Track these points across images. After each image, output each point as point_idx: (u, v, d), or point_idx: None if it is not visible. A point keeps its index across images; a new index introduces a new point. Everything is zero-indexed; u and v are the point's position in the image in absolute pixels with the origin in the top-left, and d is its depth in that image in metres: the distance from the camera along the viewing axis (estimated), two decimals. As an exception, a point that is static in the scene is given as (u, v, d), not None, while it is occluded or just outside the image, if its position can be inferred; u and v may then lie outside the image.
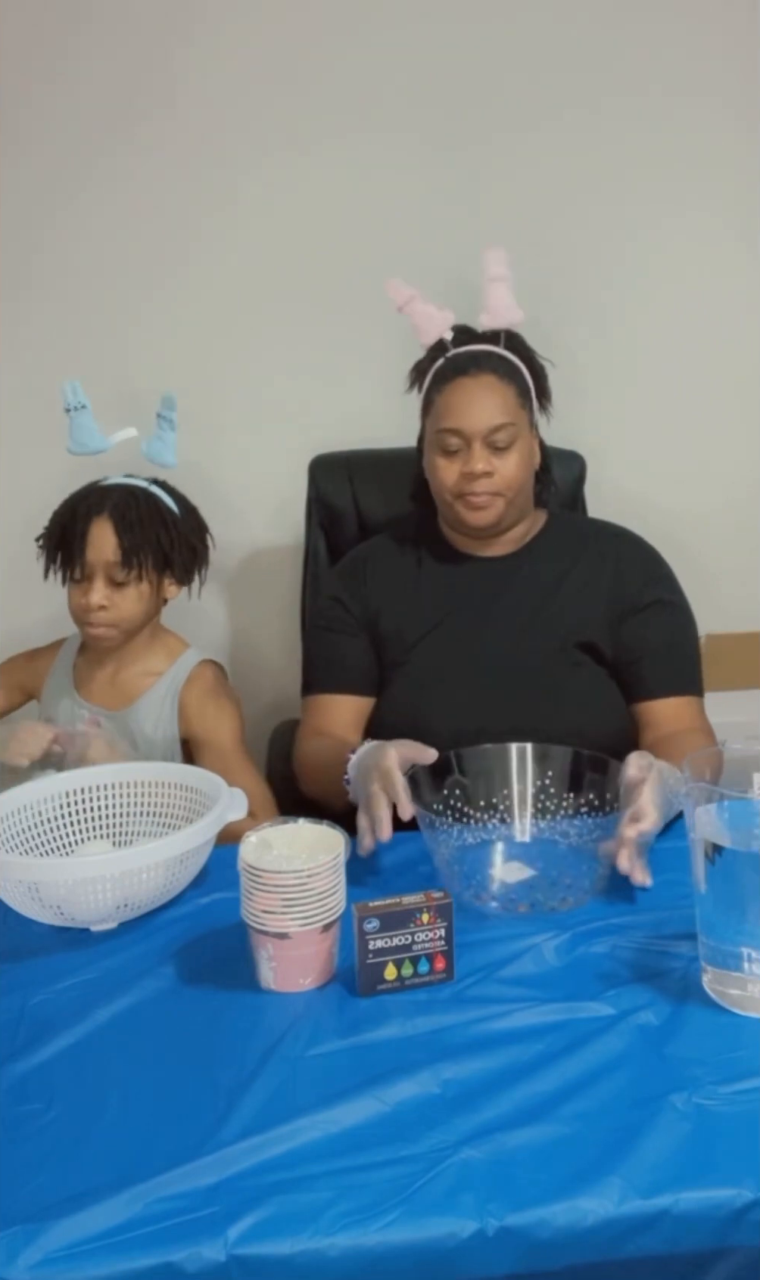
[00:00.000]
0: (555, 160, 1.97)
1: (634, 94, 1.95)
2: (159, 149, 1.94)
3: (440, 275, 1.58)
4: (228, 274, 1.99)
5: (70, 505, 1.65)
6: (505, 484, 1.55)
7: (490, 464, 1.54)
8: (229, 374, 2.02)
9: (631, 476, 2.01)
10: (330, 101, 1.93)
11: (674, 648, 1.59)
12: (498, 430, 1.53)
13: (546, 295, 1.75)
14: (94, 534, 1.61)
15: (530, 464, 1.60)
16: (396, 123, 1.94)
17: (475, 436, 1.54)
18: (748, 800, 1.04)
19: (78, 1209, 0.83)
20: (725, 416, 2.10)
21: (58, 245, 1.97)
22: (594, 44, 1.93)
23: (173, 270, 1.98)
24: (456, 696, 1.54)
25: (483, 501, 1.56)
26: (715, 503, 2.12)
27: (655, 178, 1.99)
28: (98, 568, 1.62)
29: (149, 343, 2.00)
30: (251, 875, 1.08)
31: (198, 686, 1.70)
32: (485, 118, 1.95)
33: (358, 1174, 0.86)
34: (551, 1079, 0.95)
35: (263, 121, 1.93)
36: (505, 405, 1.55)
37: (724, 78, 1.95)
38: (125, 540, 1.61)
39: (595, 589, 1.60)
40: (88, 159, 1.93)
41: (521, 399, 1.57)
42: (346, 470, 1.90)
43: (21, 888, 1.19)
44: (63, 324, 1.99)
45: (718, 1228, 0.83)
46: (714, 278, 2.04)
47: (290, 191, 1.96)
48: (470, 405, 1.55)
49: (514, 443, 1.55)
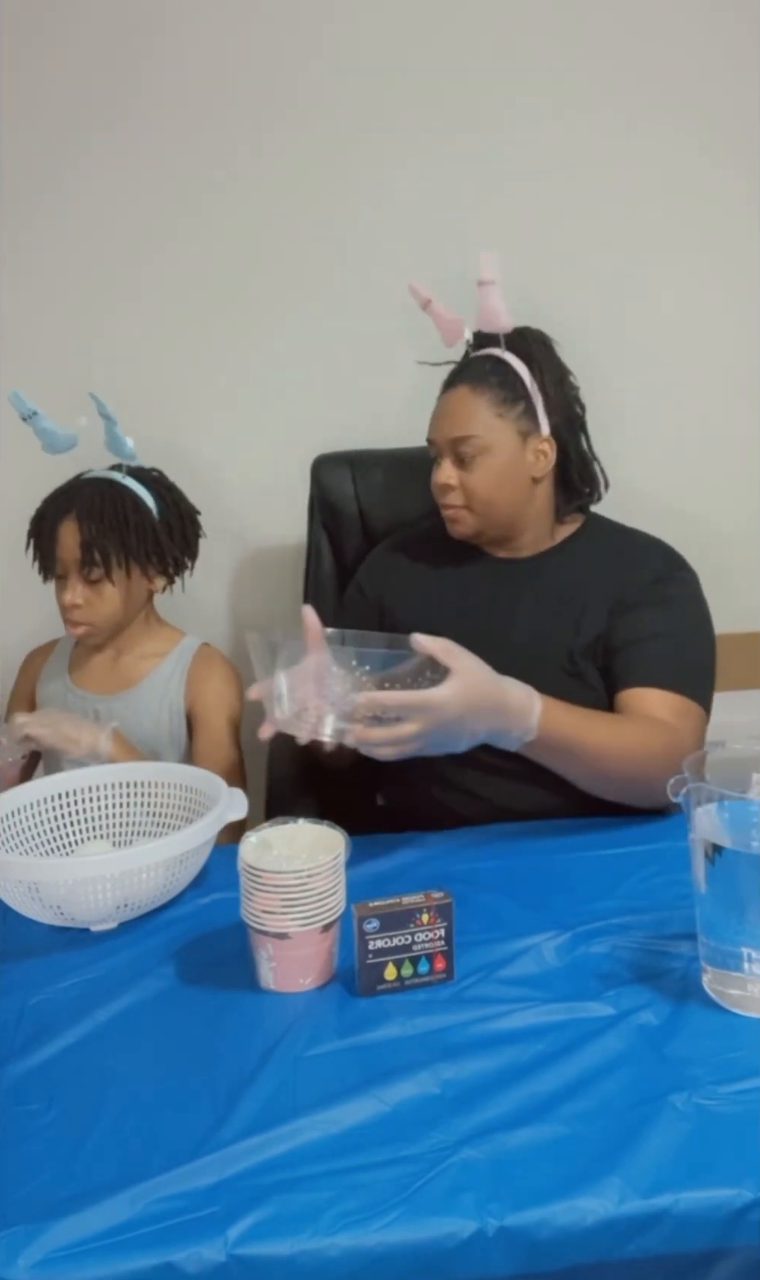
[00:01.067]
0: (562, 162, 1.97)
1: (635, 95, 1.95)
2: (159, 150, 1.93)
3: (449, 277, 1.58)
4: (233, 274, 1.99)
5: (43, 505, 1.68)
6: (470, 498, 1.53)
7: (454, 477, 1.52)
8: (234, 373, 2.02)
9: (635, 477, 2.00)
10: (335, 97, 1.93)
11: (660, 639, 1.48)
12: (460, 443, 1.51)
13: (558, 297, 1.75)
14: (62, 533, 1.63)
15: (512, 476, 1.53)
16: (404, 121, 1.94)
17: (443, 449, 1.54)
18: (748, 800, 1.04)
19: (78, 1209, 0.83)
20: (728, 417, 2.10)
21: (56, 245, 1.96)
22: (594, 45, 1.93)
23: (177, 270, 1.98)
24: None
25: (452, 514, 1.55)
26: (715, 503, 2.12)
27: (666, 178, 1.98)
28: (69, 566, 1.64)
29: (151, 343, 1.99)
30: (251, 875, 1.08)
31: (204, 660, 1.75)
32: (491, 115, 1.95)
33: (358, 1174, 0.86)
34: (551, 1079, 0.95)
35: (267, 114, 1.93)
36: (471, 417, 1.51)
37: (726, 78, 1.95)
38: (85, 537, 1.62)
39: (606, 597, 1.53)
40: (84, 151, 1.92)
41: (501, 407, 1.51)
42: (349, 469, 1.90)
43: (21, 888, 1.19)
44: (62, 323, 1.99)
45: (718, 1228, 0.83)
46: (726, 278, 2.03)
47: (298, 188, 1.96)
48: (439, 416, 1.55)
49: (481, 455, 1.50)
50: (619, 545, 1.60)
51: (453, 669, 1.21)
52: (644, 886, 1.26)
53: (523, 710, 1.28)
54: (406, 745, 1.22)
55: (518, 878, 1.30)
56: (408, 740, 1.21)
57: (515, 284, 1.54)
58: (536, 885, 1.28)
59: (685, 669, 1.47)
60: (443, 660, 1.21)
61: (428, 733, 1.21)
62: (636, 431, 2.04)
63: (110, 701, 1.70)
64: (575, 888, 1.26)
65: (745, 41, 1.94)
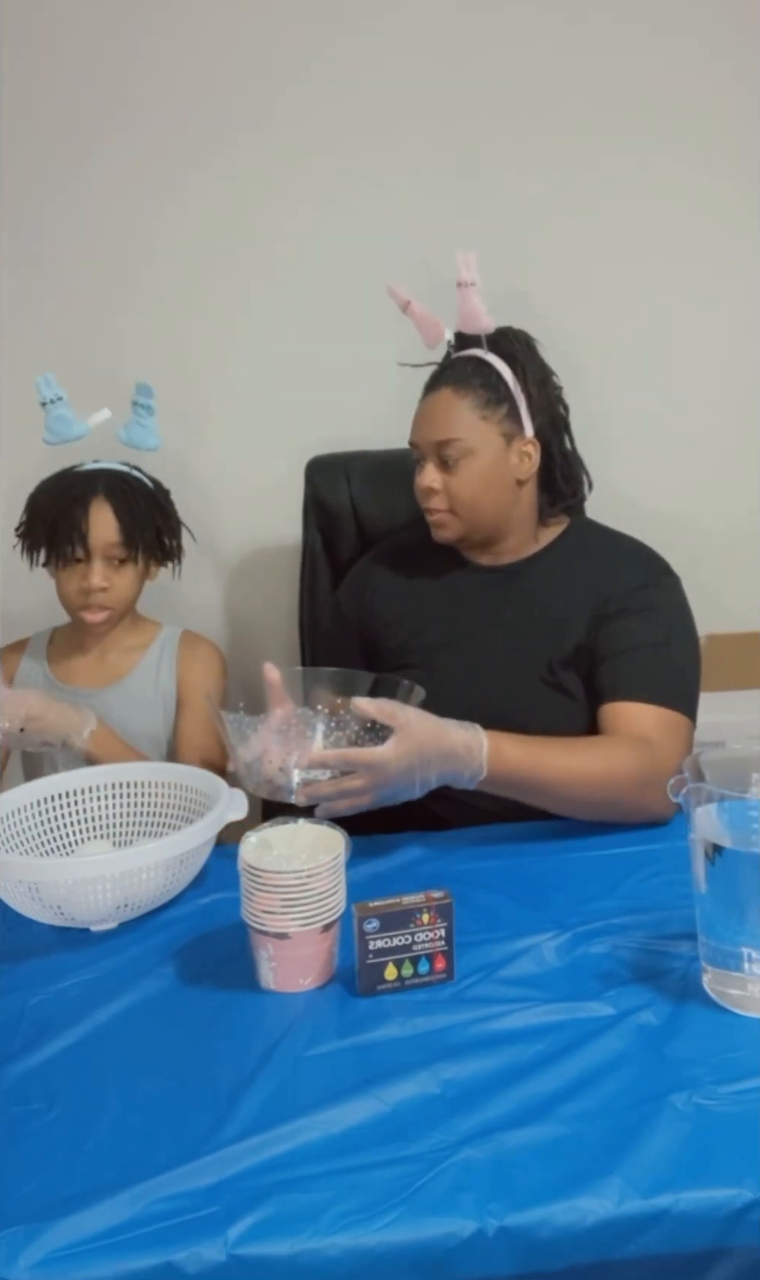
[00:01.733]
0: (557, 164, 1.97)
1: (636, 95, 1.95)
2: (159, 149, 1.93)
3: (444, 280, 1.57)
4: (226, 275, 1.98)
5: (57, 491, 1.66)
6: (454, 501, 1.52)
7: (439, 480, 1.51)
8: (227, 373, 2.02)
9: (631, 479, 2.00)
10: (334, 98, 1.93)
11: (644, 650, 1.46)
12: (444, 446, 1.50)
13: (545, 301, 1.75)
14: (94, 515, 1.63)
15: (496, 479, 1.52)
16: (402, 123, 1.94)
17: (427, 452, 1.53)
18: (748, 800, 1.04)
19: (78, 1209, 0.83)
20: (725, 419, 2.10)
21: (52, 242, 1.96)
22: (594, 48, 1.93)
23: (170, 270, 1.98)
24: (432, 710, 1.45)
25: (437, 519, 1.55)
26: (715, 503, 2.11)
27: (659, 183, 1.98)
28: (98, 549, 1.63)
29: (147, 343, 1.99)
30: (251, 875, 1.08)
31: (189, 644, 1.77)
32: (487, 119, 1.95)
33: (358, 1174, 0.86)
34: (552, 1079, 0.95)
35: (266, 118, 1.93)
36: (454, 420, 1.50)
37: (725, 79, 1.95)
38: (125, 519, 1.64)
39: (587, 605, 1.52)
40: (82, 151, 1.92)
41: (485, 409, 1.50)
42: (344, 471, 1.90)
43: (21, 888, 1.19)
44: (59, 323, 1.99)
45: (718, 1228, 0.83)
46: (716, 283, 2.03)
47: (291, 191, 1.96)
48: (422, 420, 1.54)
49: (465, 458, 1.49)
50: (600, 551, 1.59)
51: (395, 727, 1.24)
52: (644, 886, 1.26)
53: (470, 751, 1.29)
54: (359, 799, 1.26)
55: (518, 878, 1.30)
56: (359, 794, 1.25)
57: (506, 287, 1.54)
58: (536, 885, 1.28)
59: (669, 681, 1.46)
60: (383, 721, 1.24)
61: (376, 787, 1.25)
62: (629, 432, 2.04)
63: (101, 695, 1.70)
64: (575, 888, 1.26)
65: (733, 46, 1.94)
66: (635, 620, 1.49)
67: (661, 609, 1.51)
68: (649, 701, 1.42)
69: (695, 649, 1.52)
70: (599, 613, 1.50)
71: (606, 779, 1.35)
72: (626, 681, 1.45)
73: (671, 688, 1.45)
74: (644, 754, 1.36)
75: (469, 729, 1.31)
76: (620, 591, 1.51)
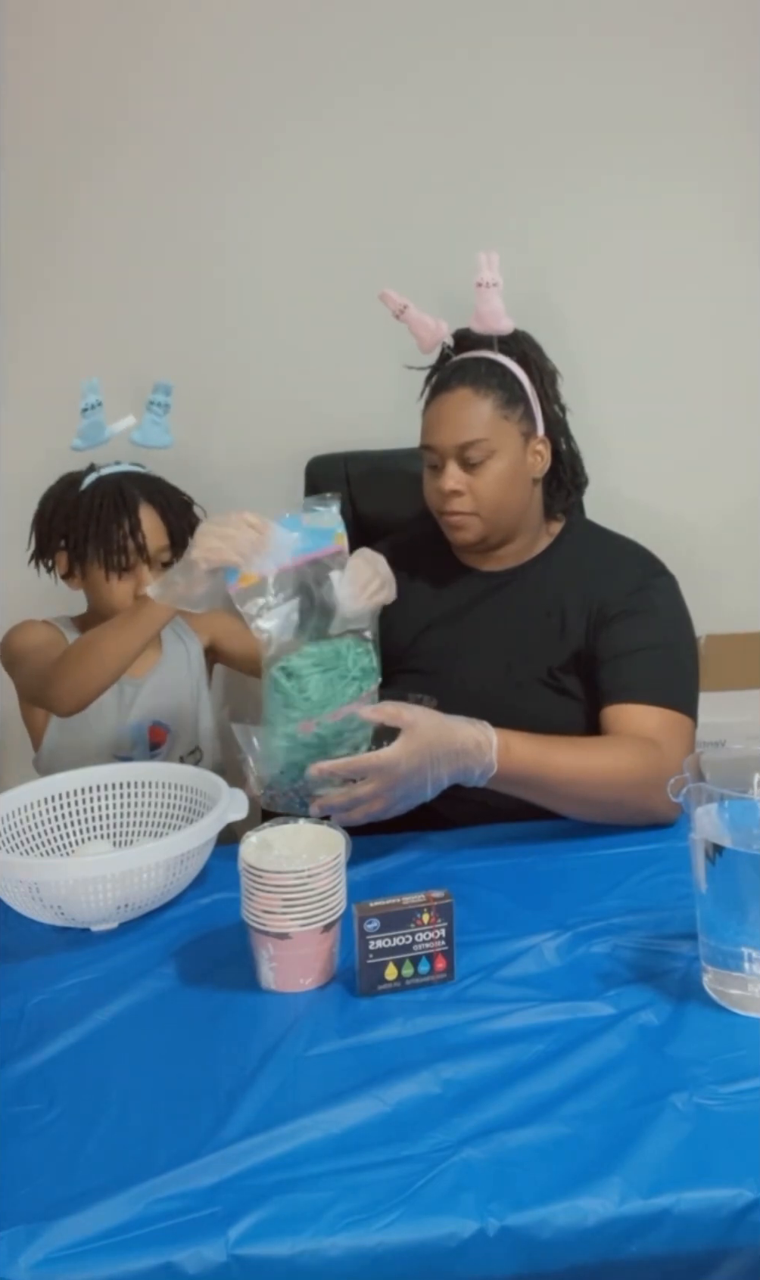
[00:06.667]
0: (558, 166, 1.97)
1: (636, 96, 1.95)
2: (160, 149, 1.93)
3: (443, 278, 1.58)
4: (227, 275, 1.98)
5: (96, 501, 1.63)
6: (479, 503, 1.51)
7: (463, 482, 1.50)
8: (227, 373, 2.02)
9: (631, 479, 2.00)
10: (338, 103, 1.93)
11: (643, 652, 1.47)
12: (468, 447, 1.49)
13: (546, 302, 1.75)
14: (146, 523, 1.63)
15: (517, 478, 1.52)
16: (401, 124, 1.94)
17: (448, 454, 1.51)
18: (748, 800, 1.04)
19: (78, 1209, 0.83)
20: (724, 418, 2.09)
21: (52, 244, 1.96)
22: (594, 49, 1.93)
23: (171, 271, 1.98)
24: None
25: (458, 521, 1.53)
26: (715, 503, 2.11)
27: (658, 184, 1.98)
28: (152, 556, 1.64)
29: (147, 343, 1.99)
30: (252, 875, 1.08)
31: (189, 615, 1.74)
32: (489, 120, 1.95)
33: (358, 1174, 0.86)
34: (552, 1079, 0.95)
35: (265, 118, 1.93)
36: (478, 420, 1.49)
37: (725, 80, 1.95)
38: (170, 523, 1.65)
39: (585, 608, 1.52)
40: (87, 157, 1.93)
41: (505, 409, 1.51)
42: (343, 471, 1.90)
43: (22, 888, 1.19)
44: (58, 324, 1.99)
45: (719, 1228, 0.83)
46: (716, 284, 2.03)
47: (292, 192, 1.96)
48: (442, 421, 1.52)
49: (488, 459, 1.49)
50: (597, 553, 1.60)
51: (401, 727, 1.24)
52: (644, 886, 1.26)
53: (480, 748, 1.29)
54: (371, 806, 1.26)
55: (518, 878, 1.30)
56: (370, 799, 1.25)
57: (506, 288, 1.54)
58: (536, 885, 1.28)
59: (670, 682, 1.46)
60: (388, 723, 1.24)
61: (387, 791, 1.24)
62: (626, 434, 2.04)
63: (138, 684, 1.70)
64: (575, 888, 1.27)
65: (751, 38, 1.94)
66: (635, 622, 1.49)
67: (660, 610, 1.52)
68: (652, 703, 1.42)
69: (694, 649, 1.53)
70: (598, 615, 1.51)
71: (614, 777, 1.35)
72: (629, 683, 1.45)
73: (674, 689, 1.45)
74: (652, 755, 1.36)
75: (478, 726, 1.30)
76: (618, 593, 1.51)
